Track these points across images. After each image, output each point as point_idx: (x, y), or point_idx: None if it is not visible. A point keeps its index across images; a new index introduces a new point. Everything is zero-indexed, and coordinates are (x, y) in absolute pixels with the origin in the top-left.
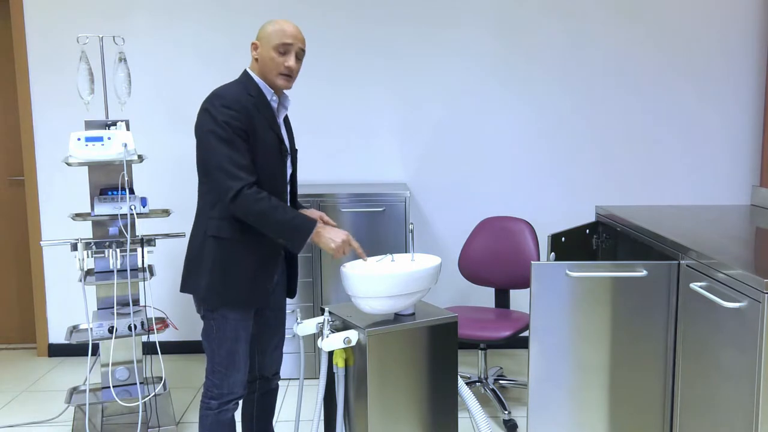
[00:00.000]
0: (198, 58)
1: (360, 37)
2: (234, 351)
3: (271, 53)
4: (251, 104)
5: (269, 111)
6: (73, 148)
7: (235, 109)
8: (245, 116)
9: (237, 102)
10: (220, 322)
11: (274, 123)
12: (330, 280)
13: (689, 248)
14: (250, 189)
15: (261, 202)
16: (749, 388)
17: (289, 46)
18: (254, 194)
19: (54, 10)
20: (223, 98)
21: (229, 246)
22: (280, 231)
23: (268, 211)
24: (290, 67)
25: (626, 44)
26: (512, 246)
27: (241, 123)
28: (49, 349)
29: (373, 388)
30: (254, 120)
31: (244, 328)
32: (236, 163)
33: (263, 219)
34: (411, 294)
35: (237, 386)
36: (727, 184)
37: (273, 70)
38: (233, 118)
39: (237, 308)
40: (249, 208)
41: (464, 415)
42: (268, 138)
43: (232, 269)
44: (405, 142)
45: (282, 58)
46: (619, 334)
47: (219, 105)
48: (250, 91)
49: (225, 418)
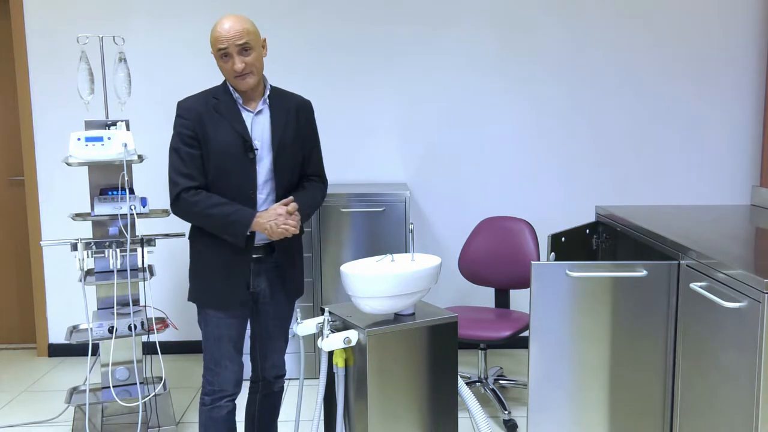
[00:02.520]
0: (198, 58)
1: (360, 37)
2: (217, 349)
3: (218, 61)
4: (210, 108)
5: (232, 110)
6: (73, 148)
7: (185, 117)
8: (195, 122)
9: (189, 110)
10: (205, 321)
11: (237, 121)
12: (330, 280)
13: (689, 248)
14: (188, 193)
15: (197, 203)
16: (749, 388)
17: (225, 50)
18: (191, 197)
19: (54, 10)
20: (180, 107)
21: (200, 248)
22: (219, 227)
23: (205, 211)
24: (237, 70)
25: (626, 44)
26: (512, 246)
27: (188, 130)
28: (49, 349)
29: (373, 388)
30: (205, 123)
31: (227, 326)
32: (177, 171)
33: (202, 219)
34: (411, 294)
35: (227, 384)
36: (727, 184)
37: (228, 77)
38: (182, 125)
39: (213, 308)
40: (187, 210)
41: (464, 415)
42: (225, 138)
43: (204, 270)
44: (405, 142)
45: (227, 63)
46: (619, 334)
47: (177, 114)
48: (215, 95)
49: (217, 415)
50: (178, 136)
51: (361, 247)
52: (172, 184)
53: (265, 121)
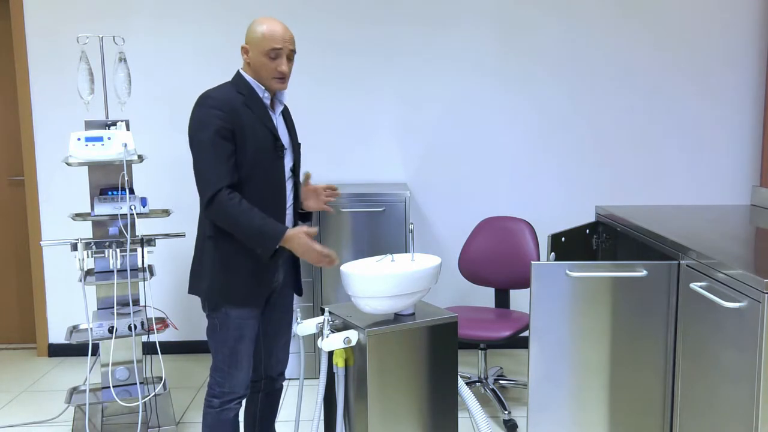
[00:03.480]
0: (198, 58)
1: (360, 37)
2: (237, 350)
3: (262, 59)
4: (240, 102)
5: (261, 108)
6: (73, 148)
7: (222, 110)
8: (232, 116)
9: (224, 102)
10: (223, 321)
11: (267, 119)
12: (330, 280)
13: (689, 248)
14: (223, 194)
15: (233, 207)
16: (749, 388)
17: (279, 51)
18: (226, 200)
19: (54, 10)
20: (212, 98)
21: (227, 245)
22: (249, 236)
23: (238, 217)
24: (283, 72)
25: (627, 44)
26: (512, 246)
27: (226, 123)
28: (49, 349)
29: (373, 388)
30: (242, 118)
31: (248, 326)
32: (213, 168)
33: (233, 224)
34: (411, 294)
35: (239, 386)
36: (727, 184)
37: (267, 75)
38: (218, 117)
39: (238, 306)
40: (220, 213)
41: (464, 415)
42: (260, 134)
43: (231, 268)
44: (405, 142)
45: (274, 62)
46: (619, 334)
47: (207, 106)
48: (240, 90)
49: (226, 417)
50: (215, 129)
51: (361, 247)
52: (206, 181)
53: (282, 123)
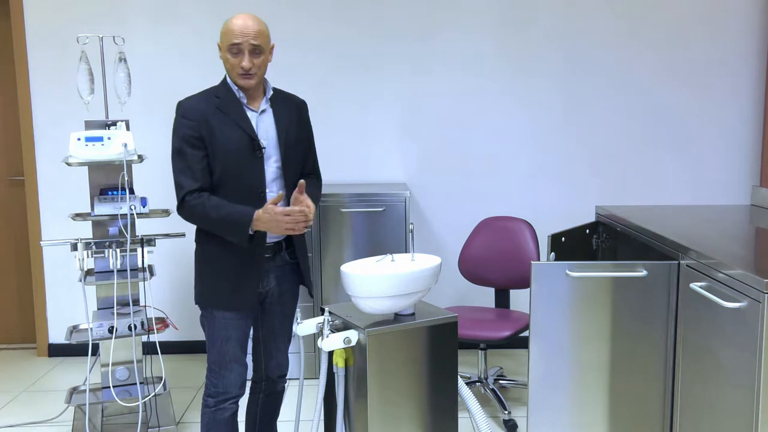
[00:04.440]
0: (198, 58)
1: (360, 38)
2: (224, 351)
3: (225, 55)
4: (213, 107)
5: (237, 109)
6: (73, 148)
7: (190, 118)
8: (200, 123)
9: (193, 110)
10: (210, 322)
11: (242, 119)
12: (330, 280)
13: (689, 248)
14: (189, 196)
15: (198, 206)
16: (749, 388)
17: (239, 46)
18: (194, 199)
19: (54, 10)
20: (182, 107)
21: (209, 249)
22: (222, 229)
23: (207, 213)
24: (244, 68)
25: (626, 44)
26: (512, 246)
27: (192, 131)
28: (49, 349)
29: (373, 388)
30: (212, 123)
31: (235, 328)
32: (182, 173)
33: (205, 221)
34: (411, 294)
35: (232, 386)
36: (727, 184)
37: (232, 72)
38: (186, 126)
39: (223, 309)
40: (191, 213)
41: (464, 415)
42: (233, 137)
43: (215, 272)
44: (405, 142)
45: (236, 59)
46: (619, 334)
47: (178, 114)
48: (218, 93)
49: (221, 417)
50: (182, 137)
51: (361, 247)
52: (177, 186)
53: (269, 120)
